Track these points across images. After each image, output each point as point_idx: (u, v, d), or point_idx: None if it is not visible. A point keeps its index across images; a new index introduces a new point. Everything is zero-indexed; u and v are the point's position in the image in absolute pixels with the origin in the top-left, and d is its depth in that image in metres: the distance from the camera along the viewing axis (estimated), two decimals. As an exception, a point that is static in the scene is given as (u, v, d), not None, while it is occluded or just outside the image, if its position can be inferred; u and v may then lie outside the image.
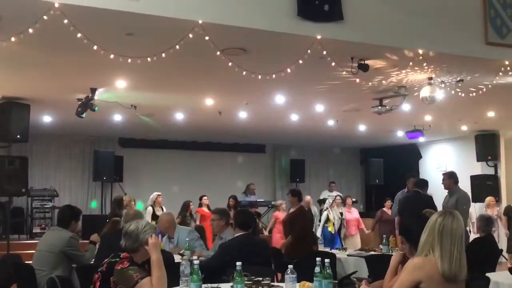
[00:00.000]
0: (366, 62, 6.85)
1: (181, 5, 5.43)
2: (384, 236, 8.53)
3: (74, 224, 5.94)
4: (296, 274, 3.97)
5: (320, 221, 11.94)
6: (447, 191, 8.59)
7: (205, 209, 11.92)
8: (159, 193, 11.62)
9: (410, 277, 3.21)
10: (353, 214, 12.33)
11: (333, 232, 11.65)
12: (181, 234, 7.05)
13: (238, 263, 3.90)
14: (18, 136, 9.33)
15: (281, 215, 12.43)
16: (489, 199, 12.24)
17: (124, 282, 3.60)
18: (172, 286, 4.06)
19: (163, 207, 11.61)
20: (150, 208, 11.48)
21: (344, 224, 12.13)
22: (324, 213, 11.96)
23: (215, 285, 4.35)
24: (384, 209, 12.37)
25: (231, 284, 4.05)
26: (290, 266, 4.00)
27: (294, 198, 8.51)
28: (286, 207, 12.05)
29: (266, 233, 12.80)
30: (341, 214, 12.15)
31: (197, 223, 11.33)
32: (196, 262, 3.96)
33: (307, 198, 12.82)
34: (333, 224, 11.75)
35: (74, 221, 5.94)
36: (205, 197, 12.28)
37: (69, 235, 5.75)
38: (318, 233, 11.77)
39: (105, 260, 3.86)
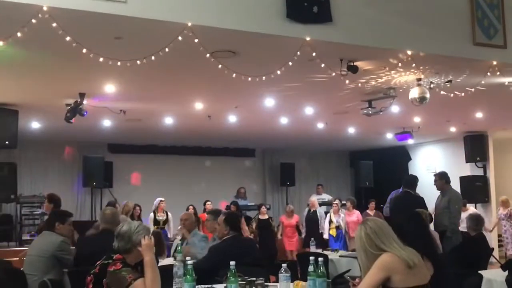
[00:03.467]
0: (355, 63, 6.86)
1: (169, 7, 5.39)
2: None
3: (59, 226, 5.88)
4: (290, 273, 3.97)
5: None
6: (438, 191, 8.66)
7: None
8: (162, 199, 11.63)
9: (381, 274, 3.28)
10: (352, 217, 12.30)
11: (334, 235, 11.74)
12: (194, 238, 7.00)
13: (232, 263, 3.88)
14: (7, 142, 9.18)
15: (285, 219, 12.55)
16: (503, 197, 12.68)
17: (117, 283, 3.59)
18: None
19: (168, 212, 11.61)
20: (151, 214, 11.47)
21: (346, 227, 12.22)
22: (327, 216, 12.08)
23: (209, 286, 4.34)
24: (367, 211, 12.42)
25: (224, 284, 4.04)
26: (284, 265, 4.00)
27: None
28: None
29: (279, 236, 12.81)
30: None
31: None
32: (189, 263, 3.95)
33: (313, 200, 12.85)
34: (335, 227, 11.91)
35: (57, 222, 5.88)
36: (209, 202, 12.32)
37: (60, 239, 5.72)
38: (326, 235, 11.88)
39: (98, 262, 3.84)
